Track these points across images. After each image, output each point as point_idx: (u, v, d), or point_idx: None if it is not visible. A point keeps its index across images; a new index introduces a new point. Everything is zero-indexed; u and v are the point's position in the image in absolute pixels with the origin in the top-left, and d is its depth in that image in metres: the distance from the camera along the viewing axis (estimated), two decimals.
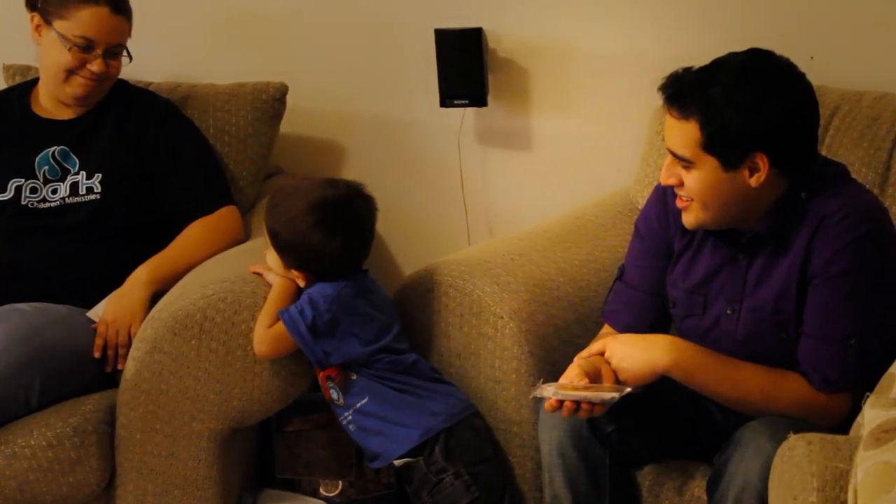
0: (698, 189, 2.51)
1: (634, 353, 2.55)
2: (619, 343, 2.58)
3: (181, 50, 3.76)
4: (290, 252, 2.83)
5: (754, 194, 2.50)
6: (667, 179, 2.56)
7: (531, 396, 2.60)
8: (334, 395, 2.85)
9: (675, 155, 2.51)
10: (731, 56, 2.51)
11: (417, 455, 2.80)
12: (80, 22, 3.14)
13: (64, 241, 3.15)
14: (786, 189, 2.52)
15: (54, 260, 3.14)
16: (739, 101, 2.44)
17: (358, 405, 2.83)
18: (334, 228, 2.79)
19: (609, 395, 2.47)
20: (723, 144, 2.45)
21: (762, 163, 2.46)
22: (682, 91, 2.48)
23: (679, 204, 2.58)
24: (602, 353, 2.58)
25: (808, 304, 2.52)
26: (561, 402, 2.48)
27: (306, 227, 2.79)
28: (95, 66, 3.17)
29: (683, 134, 2.47)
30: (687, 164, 2.50)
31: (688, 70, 2.50)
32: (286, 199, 2.86)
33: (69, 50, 3.15)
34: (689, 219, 2.57)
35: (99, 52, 3.17)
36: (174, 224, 3.21)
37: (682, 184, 2.53)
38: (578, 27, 3.46)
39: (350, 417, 2.85)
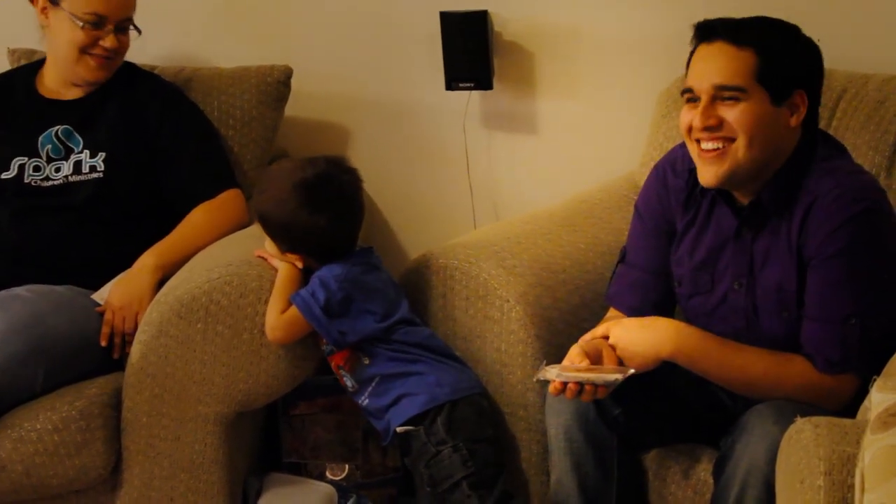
0: (747, 122, 2.48)
1: (638, 339, 2.55)
2: (622, 329, 2.58)
3: (185, 33, 3.76)
4: (281, 235, 2.85)
5: (784, 139, 2.52)
6: (706, 120, 2.49)
7: (535, 379, 2.60)
8: (348, 382, 2.86)
9: (724, 88, 2.48)
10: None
11: (419, 424, 2.80)
12: None
13: (67, 222, 3.15)
14: (790, 156, 2.54)
15: (57, 241, 3.14)
16: (790, 36, 2.51)
17: (370, 387, 2.84)
18: (319, 206, 2.80)
19: (612, 376, 2.47)
20: (777, 75, 2.48)
21: (801, 101, 2.50)
22: (737, 24, 2.52)
23: (707, 155, 2.51)
24: (605, 338, 2.58)
25: (808, 286, 2.52)
26: (564, 384, 2.48)
27: (291, 208, 2.80)
28: (108, 41, 3.19)
29: (738, 62, 2.48)
30: (737, 94, 2.48)
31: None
32: (270, 183, 2.89)
33: (82, 28, 3.15)
34: (720, 168, 2.51)
35: (110, 27, 3.19)
36: (177, 207, 3.21)
37: (720, 124, 2.50)
38: (584, 10, 3.46)
39: (367, 401, 2.86)
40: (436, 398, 2.80)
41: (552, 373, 2.50)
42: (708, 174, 2.54)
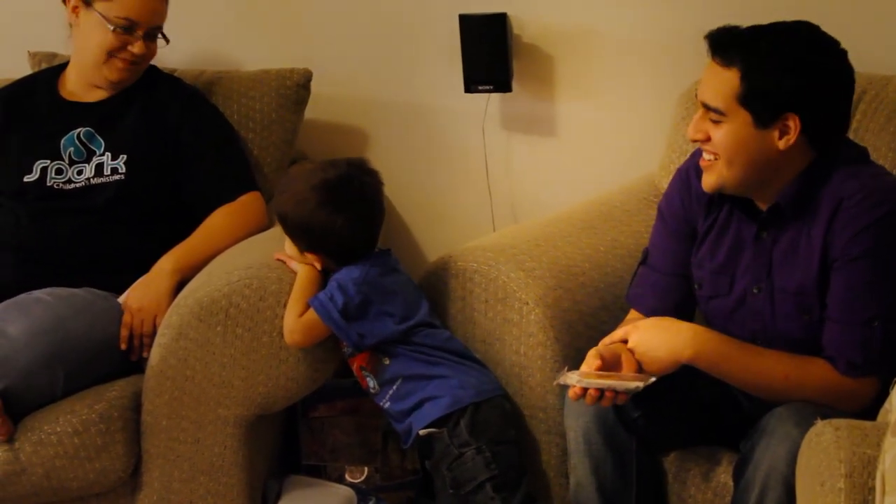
0: (726, 144, 2.49)
1: (657, 344, 2.54)
2: (641, 333, 2.57)
3: (206, 36, 3.77)
4: (299, 235, 2.85)
5: (779, 160, 2.50)
6: (694, 134, 2.54)
7: (555, 383, 2.60)
8: (370, 383, 2.86)
9: (707, 107, 2.50)
10: (782, 21, 2.52)
11: (442, 426, 2.80)
12: (124, 3, 3.18)
13: (87, 224, 3.16)
14: (809, 164, 2.52)
15: (76, 242, 3.15)
16: (785, 57, 2.44)
17: (392, 389, 2.84)
18: (338, 206, 2.81)
19: (633, 384, 2.47)
20: (760, 99, 2.44)
21: (793, 125, 2.46)
22: (730, 39, 2.47)
23: (702, 163, 2.56)
24: (624, 341, 2.58)
25: (831, 288, 2.51)
26: (585, 390, 2.48)
27: (311, 207, 2.81)
28: (136, 47, 3.20)
29: (722, 83, 2.46)
30: (719, 116, 2.48)
31: (736, 27, 2.50)
32: (291, 183, 2.90)
33: (113, 31, 3.17)
34: (710, 179, 2.56)
35: (140, 33, 3.20)
36: (197, 210, 3.22)
37: (708, 139, 2.52)
38: (603, 13, 3.46)
39: (388, 404, 2.86)
40: (460, 400, 2.80)
41: (573, 378, 2.49)
42: (703, 180, 2.59)
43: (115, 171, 3.21)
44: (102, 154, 3.23)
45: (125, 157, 3.22)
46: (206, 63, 3.66)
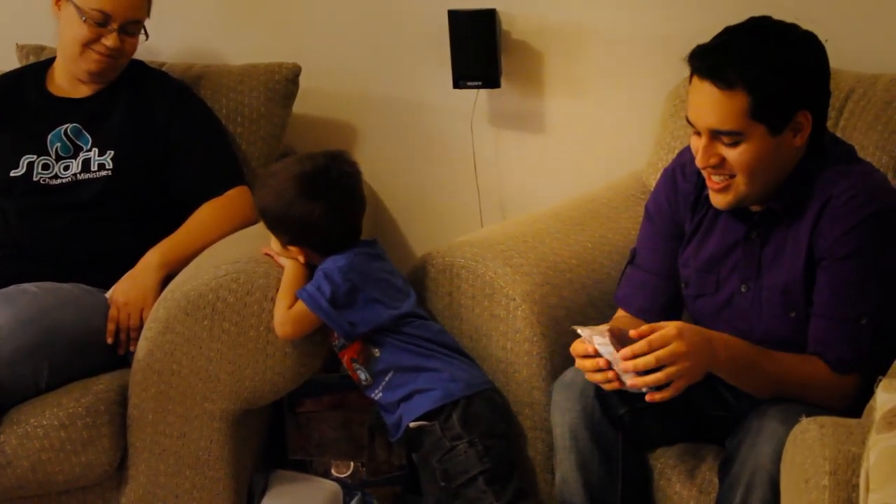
0: (748, 161, 2.47)
1: None
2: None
3: (194, 30, 3.76)
4: (280, 227, 2.86)
5: (793, 156, 2.50)
6: (707, 161, 2.50)
7: (573, 327, 2.51)
8: (362, 375, 2.86)
9: (719, 132, 2.46)
10: (738, 26, 2.49)
11: (433, 419, 2.80)
12: None
13: (75, 220, 3.16)
14: (799, 161, 2.52)
15: (65, 238, 3.14)
16: (780, 61, 2.43)
17: (385, 380, 2.85)
18: (315, 195, 2.81)
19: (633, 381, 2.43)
20: (772, 108, 2.43)
21: (805, 120, 2.46)
22: (724, 60, 2.44)
23: (714, 186, 2.53)
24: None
25: (818, 286, 2.51)
26: (592, 357, 2.42)
27: (288, 199, 2.81)
28: (110, 40, 3.19)
29: (729, 106, 2.43)
30: (735, 137, 2.46)
31: (706, 45, 2.48)
32: (270, 178, 2.91)
33: (85, 23, 3.16)
34: (726, 198, 2.53)
35: (114, 26, 3.18)
36: (186, 204, 3.21)
37: (722, 163, 2.50)
38: (592, 9, 3.46)
39: (380, 395, 2.86)
40: (451, 394, 2.80)
41: (596, 339, 2.42)
42: (716, 201, 2.56)
43: (102, 166, 3.20)
44: (89, 150, 3.22)
45: (112, 153, 3.21)
46: (195, 57, 3.66)
